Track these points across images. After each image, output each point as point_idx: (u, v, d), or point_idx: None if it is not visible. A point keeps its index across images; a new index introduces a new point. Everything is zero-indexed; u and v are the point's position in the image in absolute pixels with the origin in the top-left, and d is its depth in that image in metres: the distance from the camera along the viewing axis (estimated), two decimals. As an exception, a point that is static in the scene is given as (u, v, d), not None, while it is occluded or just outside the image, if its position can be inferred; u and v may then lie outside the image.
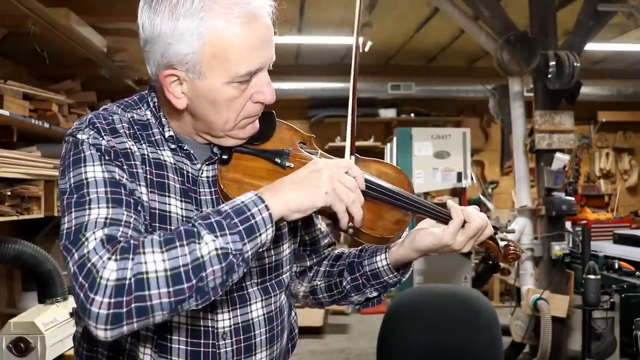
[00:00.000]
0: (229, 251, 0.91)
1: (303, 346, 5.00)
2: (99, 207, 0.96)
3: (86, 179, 0.99)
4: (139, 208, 1.01)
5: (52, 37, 2.76)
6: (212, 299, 0.93)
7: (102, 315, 0.87)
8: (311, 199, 0.98)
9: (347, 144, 1.16)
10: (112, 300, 0.87)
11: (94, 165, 1.01)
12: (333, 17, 5.88)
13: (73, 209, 0.96)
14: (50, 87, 3.19)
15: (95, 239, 0.92)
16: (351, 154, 1.14)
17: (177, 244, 0.90)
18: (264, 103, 1.09)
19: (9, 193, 2.54)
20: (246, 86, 1.05)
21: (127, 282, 0.87)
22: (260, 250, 0.96)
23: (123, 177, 1.02)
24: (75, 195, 0.98)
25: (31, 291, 2.98)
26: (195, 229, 0.91)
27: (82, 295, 0.88)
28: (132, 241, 0.91)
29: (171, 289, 0.88)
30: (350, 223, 1.02)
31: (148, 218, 1.04)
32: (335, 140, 7.28)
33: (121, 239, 0.93)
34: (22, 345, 2.17)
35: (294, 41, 6.56)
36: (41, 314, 2.37)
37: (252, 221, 0.93)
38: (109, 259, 0.89)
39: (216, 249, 0.90)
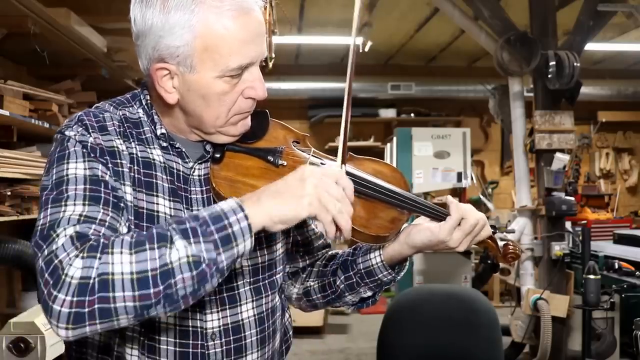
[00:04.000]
0: (202, 260, 0.87)
1: (303, 346, 4.99)
2: (75, 204, 0.95)
3: (67, 175, 0.99)
4: (120, 206, 1.00)
5: (52, 37, 2.76)
6: (182, 307, 0.90)
7: (64, 314, 0.85)
8: (294, 210, 0.93)
9: (339, 153, 1.10)
10: (75, 299, 0.85)
11: (76, 162, 1.00)
12: (333, 17, 5.88)
13: (50, 205, 0.96)
14: (50, 87, 3.19)
15: (66, 235, 0.90)
16: (342, 163, 1.09)
17: (147, 247, 0.87)
18: (256, 99, 1.09)
19: (9, 193, 2.54)
20: (237, 81, 1.05)
21: (91, 281, 0.85)
22: (238, 259, 0.92)
23: (106, 173, 1.01)
24: (54, 192, 0.97)
25: (31, 291, 2.98)
26: (168, 233, 0.88)
27: (45, 292, 0.86)
28: (102, 240, 0.89)
29: (136, 293, 0.85)
30: (338, 233, 0.97)
31: (133, 217, 1.03)
32: (335, 140, 7.28)
33: (92, 236, 0.91)
34: (22, 345, 2.16)
35: (294, 41, 6.55)
36: (41, 313, 2.34)
37: (229, 230, 0.89)
38: (76, 256, 0.87)
39: (187, 256, 0.86)
